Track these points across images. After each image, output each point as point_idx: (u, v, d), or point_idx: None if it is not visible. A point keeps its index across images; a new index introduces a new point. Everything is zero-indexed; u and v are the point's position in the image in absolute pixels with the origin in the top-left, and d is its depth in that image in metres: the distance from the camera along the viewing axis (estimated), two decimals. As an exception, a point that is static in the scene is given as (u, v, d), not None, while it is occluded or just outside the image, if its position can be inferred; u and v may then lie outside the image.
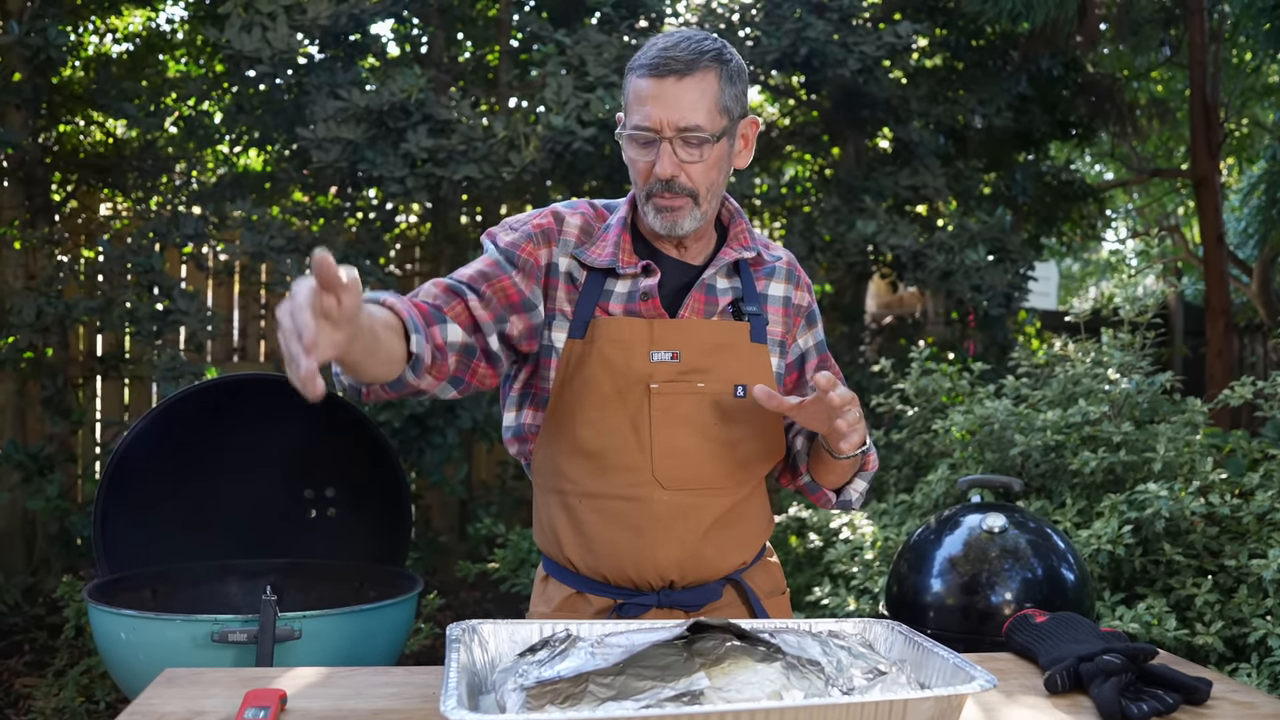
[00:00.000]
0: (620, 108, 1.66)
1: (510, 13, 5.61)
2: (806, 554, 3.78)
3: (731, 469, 1.70)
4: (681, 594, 1.69)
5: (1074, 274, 16.47)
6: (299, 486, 2.68)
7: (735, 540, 1.73)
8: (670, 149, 1.61)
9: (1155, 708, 1.35)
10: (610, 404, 1.65)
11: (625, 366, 1.65)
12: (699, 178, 1.64)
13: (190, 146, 6.04)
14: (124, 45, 6.12)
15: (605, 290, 1.68)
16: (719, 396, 1.67)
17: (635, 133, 1.63)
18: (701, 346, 1.67)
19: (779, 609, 1.82)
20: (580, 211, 1.74)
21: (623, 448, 1.65)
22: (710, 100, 1.61)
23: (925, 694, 1.16)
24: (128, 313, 4.62)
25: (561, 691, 1.15)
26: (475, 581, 4.88)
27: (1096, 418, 3.03)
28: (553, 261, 1.69)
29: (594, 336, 1.66)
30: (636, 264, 1.68)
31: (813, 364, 1.84)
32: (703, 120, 1.61)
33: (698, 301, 1.70)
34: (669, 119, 1.60)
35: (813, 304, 1.86)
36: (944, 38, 6.41)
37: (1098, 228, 8.54)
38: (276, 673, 1.50)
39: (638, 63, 1.64)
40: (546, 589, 1.78)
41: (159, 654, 2.00)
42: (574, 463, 1.68)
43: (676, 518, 1.65)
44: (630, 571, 1.67)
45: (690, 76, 1.60)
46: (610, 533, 1.66)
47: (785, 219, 6.12)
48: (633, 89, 1.64)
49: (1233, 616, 2.52)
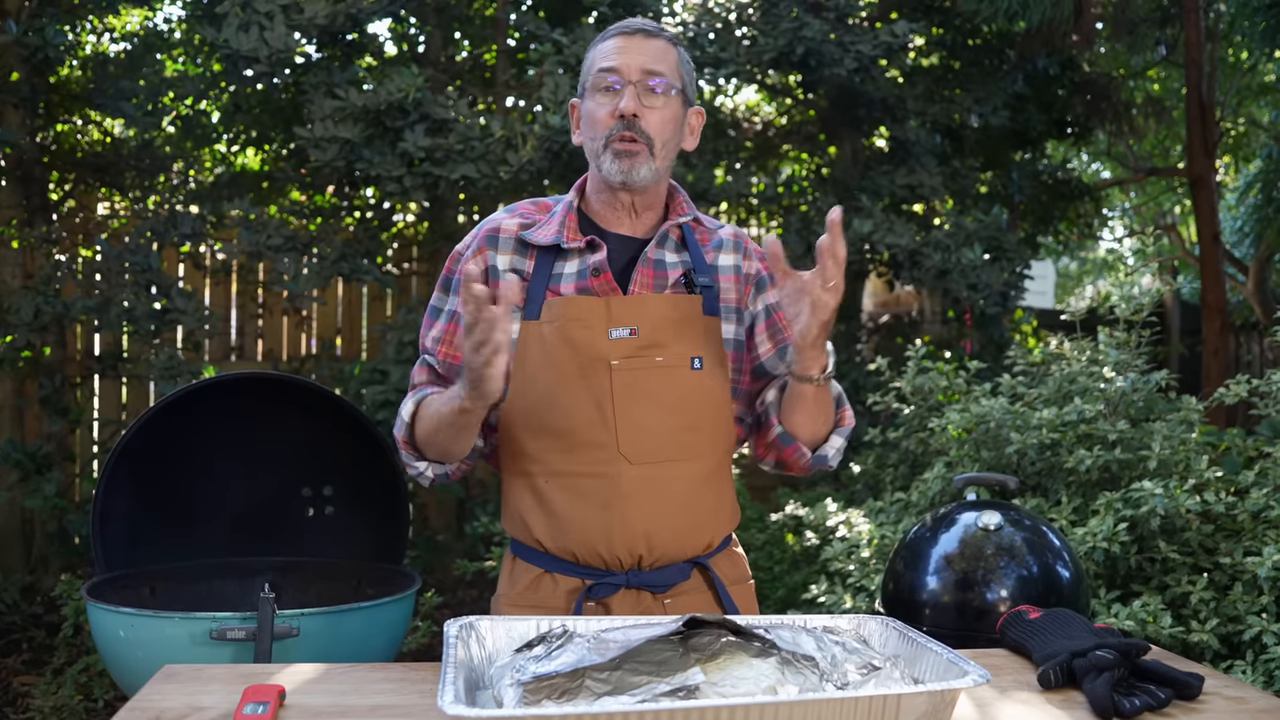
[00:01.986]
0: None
1: (507, 12, 5.61)
2: (803, 552, 3.79)
3: (694, 439, 1.73)
4: (650, 574, 1.72)
5: (1071, 273, 16.49)
6: (297, 485, 2.68)
7: (704, 515, 1.76)
8: (634, 92, 1.70)
9: (1148, 702, 1.36)
10: (573, 383, 1.69)
11: (587, 345, 1.69)
12: (655, 126, 1.72)
13: (188, 146, 6.04)
14: (121, 44, 6.12)
15: (554, 274, 1.74)
16: (677, 369, 1.71)
17: (600, 76, 1.72)
18: (657, 320, 1.71)
19: (743, 596, 1.84)
20: (519, 212, 1.82)
21: (588, 425, 1.68)
22: (672, 62, 1.75)
23: (919, 689, 1.17)
24: (125, 312, 4.63)
25: (558, 686, 1.16)
26: (473, 580, 4.89)
27: (1092, 416, 3.04)
28: (488, 265, 1.76)
29: (551, 317, 1.70)
30: (581, 240, 1.74)
31: (760, 327, 1.85)
32: (667, 71, 1.73)
33: (645, 276, 1.75)
34: (634, 63, 1.71)
35: (763, 271, 1.87)
36: (940, 37, 6.42)
37: (1094, 226, 8.56)
38: (275, 669, 1.51)
39: (603, 35, 1.77)
40: (514, 570, 1.80)
41: (157, 652, 2.01)
42: (540, 443, 1.71)
43: (643, 491, 1.68)
44: (600, 548, 1.69)
45: (656, 39, 1.74)
46: (579, 510, 1.69)
47: (782, 218, 6.13)
48: (597, 51, 1.75)
49: (1228, 614, 2.53)
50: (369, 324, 6.45)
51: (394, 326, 4.98)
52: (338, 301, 6.36)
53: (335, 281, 5.92)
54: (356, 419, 2.50)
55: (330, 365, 5.64)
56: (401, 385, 4.58)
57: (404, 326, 4.86)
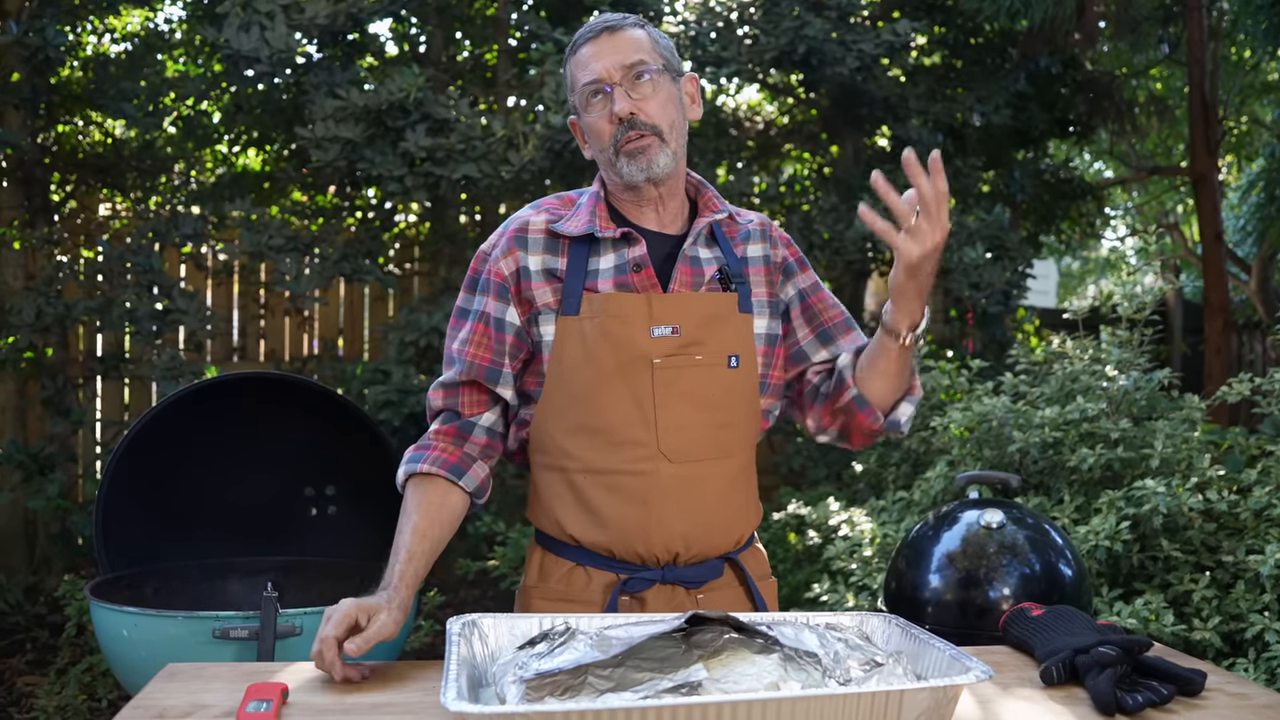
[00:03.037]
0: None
1: (508, 11, 5.62)
2: (805, 551, 3.79)
3: (729, 437, 1.73)
4: (685, 570, 1.71)
5: (1073, 272, 16.49)
6: (299, 484, 2.68)
7: (736, 512, 1.77)
8: (623, 91, 1.69)
9: (1150, 699, 1.35)
10: (612, 380, 1.67)
11: (628, 341, 1.67)
12: (656, 113, 1.70)
13: (189, 146, 6.05)
14: (122, 45, 6.12)
15: (590, 269, 1.71)
16: (715, 368, 1.71)
17: (587, 88, 1.70)
18: (697, 319, 1.70)
19: (769, 592, 1.85)
20: (545, 208, 1.79)
21: (627, 423, 1.67)
22: (646, 46, 1.72)
23: (921, 685, 1.17)
24: (127, 312, 4.63)
25: (560, 683, 1.16)
26: (475, 579, 4.89)
27: (1094, 414, 3.04)
28: (520, 266, 1.73)
29: (592, 313, 1.68)
30: (615, 230, 1.71)
31: (796, 312, 1.84)
32: (645, 57, 1.71)
33: (684, 274, 1.73)
34: (611, 64, 1.69)
35: (789, 257, 1.86)
36: (942, 36, 6.42)
37: (1096, 225, 8.56)
38: (278, 668, 1.51)
39: (571, 48, 1.76)
40: (544, 563, 1.78)
41: (161, 651, 2.01)
42: (576, 440, 1.70)
43: (682, 490, 1.68)
44: (638, 545, 1.68)
45: (621, 31, 1.72)
46: (616, 507, 1.68)
47: (784, 217, 6.13)
48: (574, 66, 1.74)
49: (1230, 612, 2.53)
50: (371, 324, 6.45)
51: (396, 326, 4.99)
52: (340, 302, 6.36)
53: (337, 282, 5.93)
54: (359, 419, 2.51)
55: (332, 365, 5.65)
56: (403, 385, 4.58)
57: (406, 326, 4.87)
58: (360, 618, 1.46)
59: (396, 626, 1.48)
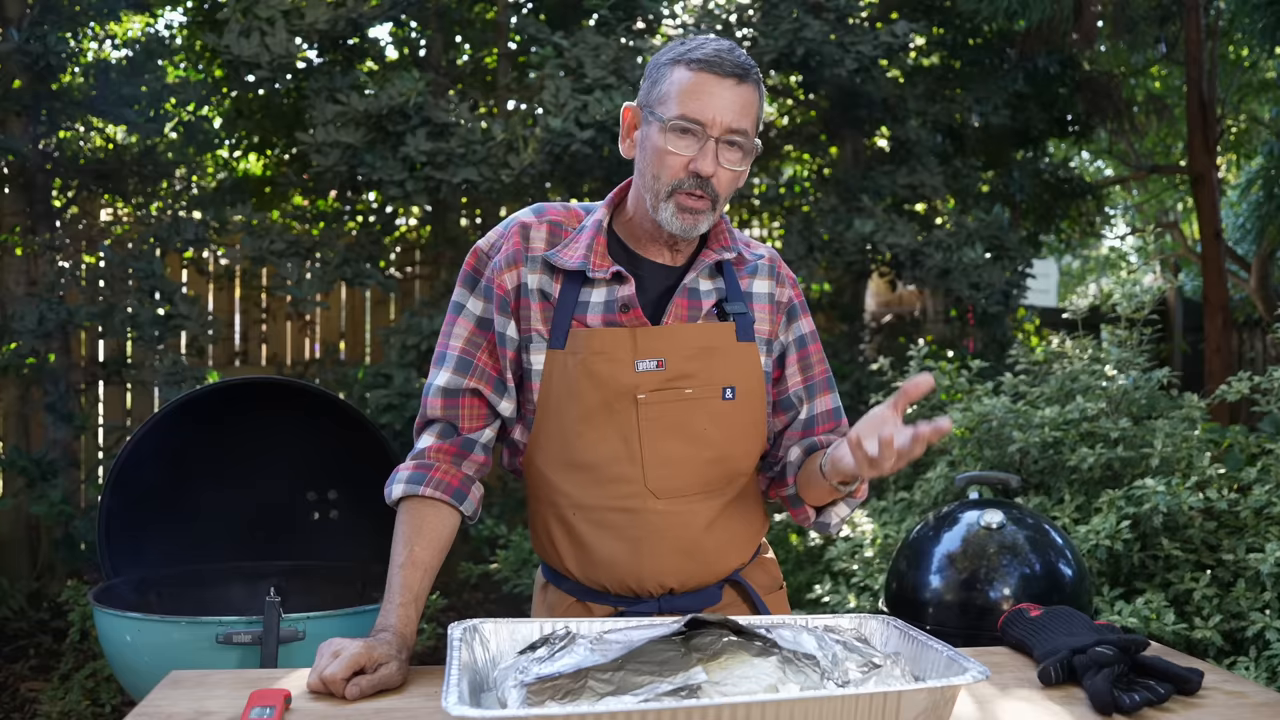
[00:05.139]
0: (617, 107, 1.67)
1: (508, 15, 5.63)
2: (807, 552, 3.80)
3: (723, 471, 1.69)
4: (682, 599, 1.69)
5: (1073, 271, 16.48)
6: (301, 489, 2.69)
7: (731, 541, 1.73)
8: (714, 148, 1.59)
9: (1147, 698, 1.36)
10: (598, 417, 1.63)
11: (610, 378, 1.62)
12: (726, 185, 1.63)
13: (190, 152, 6.05)
14: (123, 51, 6.13)
15: (580, 302, 1.65)
16: (707, 400, 1.66)
17: (682, 122, 1.58)
18: (686, 351, 1.65)
19: (778, 604, 1.83)
20: (547, 219, 1.71)
21: (614, 460, 1.64)
22: (755, 112, 1.63)
23: (919, 686, 1.18)
24: (129, 318, 4.64)
25: (561, 687, 1.17)
26: (477, 583, 4.89)
27: (1094, 414, 3.05)
28: (520, 282, 1.67)
29: (576, 348, 1.63)
30: (607, 269, 1.64)
31: (792, 359, 1.79)
32: (749, 127, 1.62)
33: (680, 307, 1.67)
34: (722, 118, 1.58)
35: (794, 299, 1.80)
36: (941, 36, 6.43)
37: (1096, 225, 8.55)
38: (281, 673, 1.52)
39: (689, 56, 1.60)
40: (547, 597, 1.78)
41: (164, 656, 2.02)
42: (566, 476, 1.67)
43: (672, 526, 1.65)
44: (630, 582, 1.67)
45: (746, 83, 1.61)
46: (607, 545, 1.66)
47: (784, 218, 6.14)
48: (680, 80, 1.59)
49: (1231, 610, 2.54)
50: (372, 328, 6.46)
51: (397, 330, 4.99)
52: (341, 306, 6.37)
53: (338, 286, 5.93)
54: (360, 423, 2.51)
55: (334, 370, 5.66)
56: (405, 389, 4.59)
57: (407, 330, 4.87)
58: (367, 665, 1.41)
59: (402, 679, 1.43)
